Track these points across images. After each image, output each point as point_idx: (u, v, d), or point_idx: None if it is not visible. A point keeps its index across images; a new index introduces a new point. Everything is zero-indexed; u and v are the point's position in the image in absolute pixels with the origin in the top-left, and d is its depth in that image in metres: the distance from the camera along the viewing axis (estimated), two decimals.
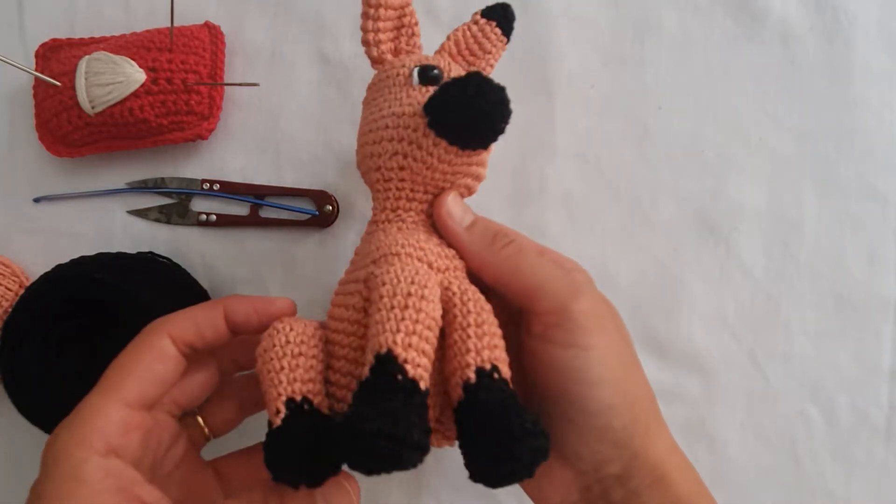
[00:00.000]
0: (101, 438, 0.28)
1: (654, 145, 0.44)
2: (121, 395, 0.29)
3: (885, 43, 0.44)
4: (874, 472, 0.43)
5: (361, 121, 0.33)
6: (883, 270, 0.44)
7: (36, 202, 0.46)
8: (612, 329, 0.30)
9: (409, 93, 0.31)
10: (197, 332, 0.31)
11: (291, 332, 0.29)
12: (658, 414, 0.31)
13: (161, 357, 0.30)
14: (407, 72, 0.32)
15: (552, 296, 0.29)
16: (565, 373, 0.28)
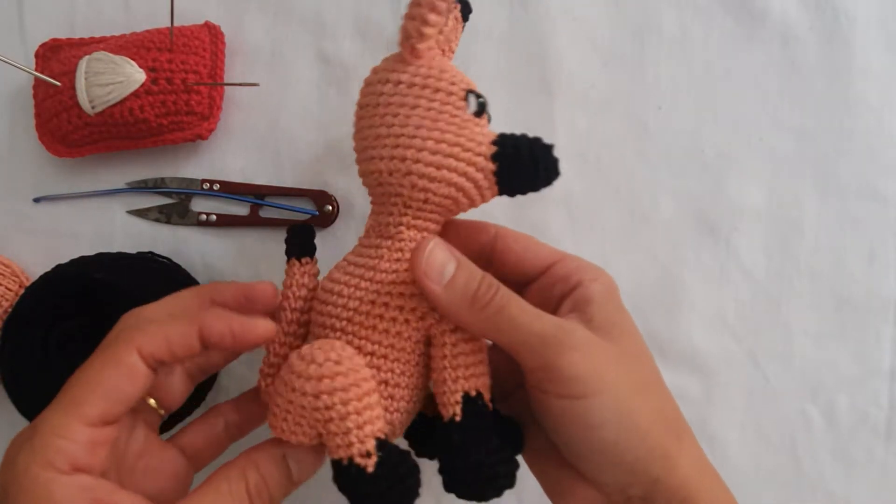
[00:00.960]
0: (65, 459, 0.26)
1: (654, 145, 0.44)
2: (83, 413, 0.27)
3: (885, 43, 0.44)
4: (874, 472, 0.43)
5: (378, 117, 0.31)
6: (883, 270, 0.44)
7: (36, 202, 0.46)
8: (609, 366, 0.29)
9: (470, 125, 0.31)
10: (168, 349, 0.29)
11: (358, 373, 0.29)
12: (682, 434, 0.31)
13: (128, 374, 0.28)
14: (460, 94, 0.31)
15: (536, 355, 0.29)
16: (564, 418, 0.29)
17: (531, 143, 0.30)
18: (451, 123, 0.30)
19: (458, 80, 0.31)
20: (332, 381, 0.28)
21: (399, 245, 0.32)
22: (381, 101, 0.31)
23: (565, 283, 0.32)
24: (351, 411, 0.28)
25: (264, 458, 0.30)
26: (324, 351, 0.28)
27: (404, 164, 0.30)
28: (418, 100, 0.31)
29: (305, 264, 0.34)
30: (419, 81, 0.31)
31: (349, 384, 0.28)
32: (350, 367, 0.28)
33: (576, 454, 0.30)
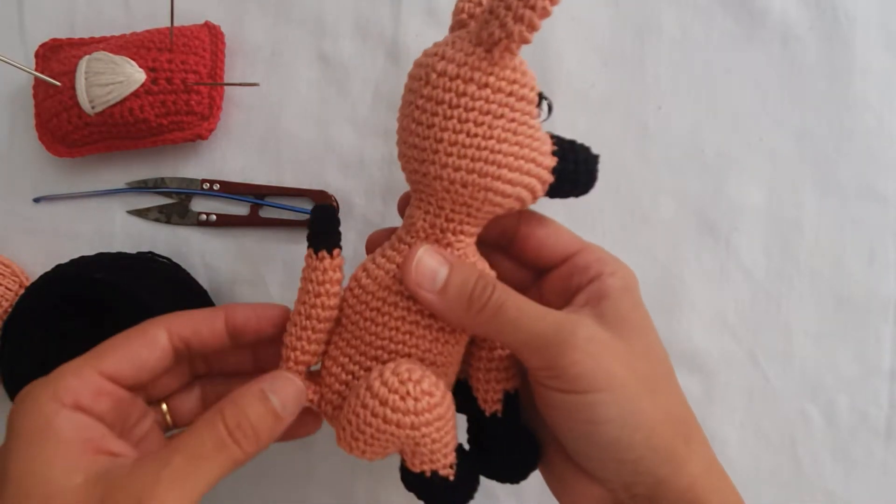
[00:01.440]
0: (71, 396, 0.28)
1: (654, 145, 0.44)
2: (99, 364, 0.29)
3: (885, 43, 0.44)
4: (874, 472, 0.43)
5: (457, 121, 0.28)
6: (883, 270, 0.44)
7: (36, 202, 0.46)
8: (618, 364, 0.29)
9: (538, 134, 0.30)
10: (194, 329, 0.31)
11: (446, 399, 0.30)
12: (692, 436, 0.30)
13: (150, 344, 0.30)
14: (535, 99, 0.30)
15: (537, 354, 0.29)
16: (567, 413, 0.29)
17: (587, 158, 0.30)
18: (528, 136, 0.29)
19: (533, 84, 0.30)
20: (431, 414, 0.29)
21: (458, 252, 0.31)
22: (462, 103, 0.28)
23: (584, 274, 0.32)
24: (442, 438, 0.30)
25: (241, 393, 0.29)
26: (415, 382, 0.29)
27: (483, 180, 0.29)
28: (503, 108, 0.29)
29: (336, 256, 0.32)
30: (506, 88, 0.29)
31: (443, 415, 0.30)
32: (442, 396, 0.30)
33: (579, 450, 0.30)
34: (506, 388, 0.33)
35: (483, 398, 0.33)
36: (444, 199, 0.30)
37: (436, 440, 0.30)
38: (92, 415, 0.28)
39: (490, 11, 0.27)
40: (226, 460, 0.28)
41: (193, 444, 0.28)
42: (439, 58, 0.29)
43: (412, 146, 0.30)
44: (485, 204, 0.30)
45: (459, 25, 0.32)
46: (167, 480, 0.26)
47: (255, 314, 0.32)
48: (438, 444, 0.30)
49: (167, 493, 0.26)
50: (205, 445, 0.27)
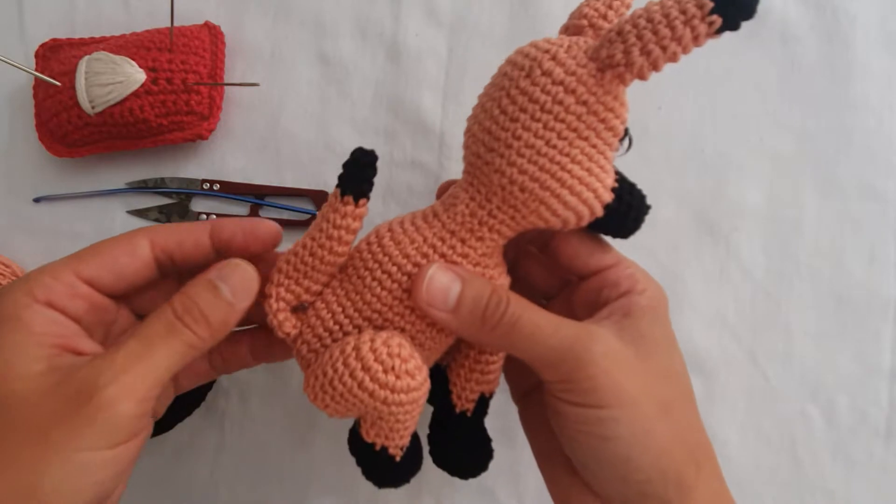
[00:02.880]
0: (45, 293, 0.28)
1: (655, 145, 0.44)
2: (77, 267, 0.29)
3: (885, 43, 0.44)
4: (874, 472, 0.43)
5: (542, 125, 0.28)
6: (883, 270, 0.44)
7: (36, 202, 0.45)
8: (634, 382, 0.28)
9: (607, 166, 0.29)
10: (178, 241, 0.31)
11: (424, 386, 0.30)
12: (703, 462, 0.30)
13: (131, 252, 0.30)
14: (621, 133, 0.29)
15: (554, 369, 0.29)
16: (579, 426, 0.29)
17: (640, 206, 0.30)
18: (600, 166, 0.29)
19: (626, 118, 0.29)
20: (406, 396, 0.29)
21: (485, 250, 0.31)
22: (554, 110, 0.27)
23: (614, 289, 0.31)
24: (407, 420, 0.30)
25: (191, 283, 0.29)
26: (402, 360, 0.29)
27: (542, 193, 0.28)
28: (590, 132, 0.28)
29: (361, 206, 0.30)
30: (601, 113, 0.28)
31: (416, 399, 0.29)
32: (422, 382, 0.29)
33: (587, 465, 0.30)
34: (483, 392, 0.34)
35: (458, 394, 0.34)
36: (496, 194, 0.29)
37: (399, 421, 0.30)
38: (66, 314, 0.29)
39: (618, 33, 0.26)
40: (178, 343, 0.28)
41: (145, 329, 0.28)
42: (550, 57, 0.28)
43: (487, 131, 0.29)
44: (532, 214, 0.29)
45: (575, 30, 0.31)
46: (121, 362, 0.26)
47: (243, 229, 0.31)
48: (399, 425, 0.30)
49: (121, 375, 0.26)
50: (155, 328, 0.28)
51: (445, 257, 0.30)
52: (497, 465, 0.43)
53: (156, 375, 0.27)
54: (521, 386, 0.36)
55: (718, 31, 0.25)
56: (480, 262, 0.31)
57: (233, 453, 0.44)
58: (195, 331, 0.28)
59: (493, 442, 0.35)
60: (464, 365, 0.34)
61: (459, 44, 0.45)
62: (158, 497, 0.44)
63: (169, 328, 0.28)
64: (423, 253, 0.30)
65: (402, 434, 0.31)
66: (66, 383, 0.26)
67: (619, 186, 0.29)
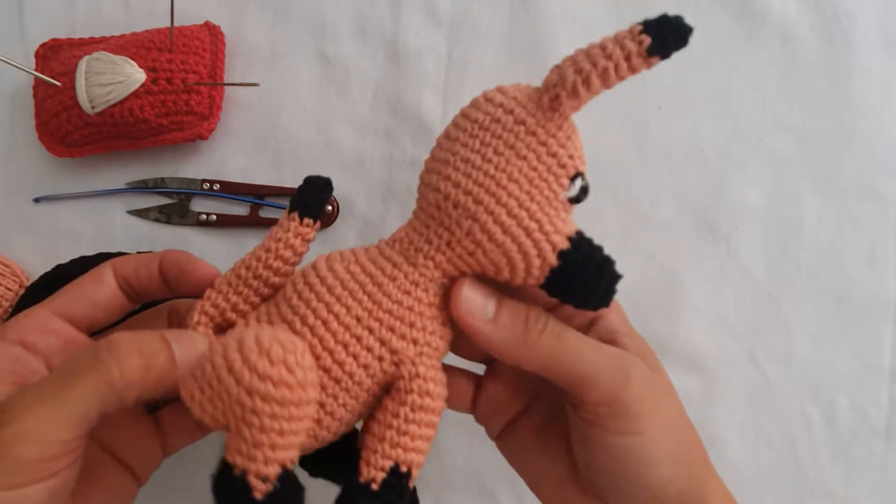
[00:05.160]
0: (15, 331, 0.29)
1: (654, 145, 0.44)
2: (51, 304, 0.30)
3: (885, 43, 0.44)
4: (874, 472, 0.43)
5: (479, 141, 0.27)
6: (883, 270, 0.44)
7: (36, 202, 0.45)
8: (665, 403, 0.29)
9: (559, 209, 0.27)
10: (134, 270, 0.32)
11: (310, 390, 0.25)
12: (707, 463, 0.31)
13: (97, 280, 0.31)
14: (570, 172, 0.27)
15: (601, 387, 0.27)
16: (619, 456, 0.28)
17: (603, 262, 0.27)
18: (545, 196, 0.27)
19: (576, 157, 0.27)
20: (274, 389, 0.24)
21: (416, 278, 0.28)
22: (491, 127, 0.27)
23: (583, 314, 0.31)
24: (273, 428, 0.24)
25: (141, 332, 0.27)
26: (284, 350, 0.24)
27: (474, 207, 0.27)
28: (530, 153, 0.27)
29: (305, 225, 0.30)
30: (541, 136, 0.27)
31: (289, 401, 0.24)
32: (300, 383, 0.24)
33: (618, 491, 0.29)
34: (399, 461, 0.27)
35: (367, 459, 0.27)
36: (433, 216, 0.28)
37: (263, 428, 0.24)
38: (37, 351, 0.29)
39: (559, 64, 0.27)
40: (98, 382, 0.24)
41: (70, 364, 0.25)
42: (498, 90, 0.28)
43: (431, 158, 0.29)
44: (467, 238, 0.27)
45: None
46: (30, 400, 0.24)
47: (179, 265, 0.31)
48: (264, 437, 0.24)
49: (24, 413, 0.24)
50: (79, 362, 0.25)
51: (372, 277, 0.28)
52: (497, 466, 0.43)
53: (68, 416, 0.24)
54: (495, 424, 0.33)
55: (651, 54, 0.26)
56: (410, 290, 0.28)
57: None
58: (123, 371, 0.25)
59: (493, 443, 0.34)
60: (379, 420, 0.28)
61: (459, 44, 0.45)
62: (158, 500, 0.44)
63: (93, 363, 0.25)
64: (349, 271, 0.28)
65: (266, 456, 0.24)
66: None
67: (578, 237, 0.27)
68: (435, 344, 0.28)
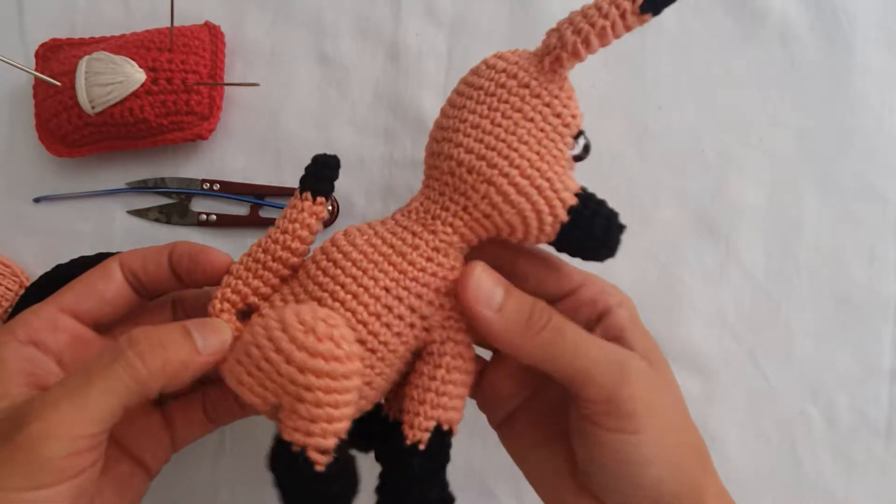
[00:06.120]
0: (25, 330, 0.29)
1: (654, 145, 0.44)
2: (59, 300, 0.30)
3: (885, 43, 0.44)
4: (874, 472, 0.43)
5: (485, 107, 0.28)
6: (883, 270, 0.44)
7: (36, 202, 0.45)
8: (664, 404, 0.29)
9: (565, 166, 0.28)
10: (142, 263, 0.32)
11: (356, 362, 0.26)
12: (707, 464, 0.31)
13: (105, 276, 0.31)
14: (574, 131, 0.29)
15: (598, 384, 0.27)
16: (614, 453, 0.28)
17: (609, 216, 0.28)
18: (553, 156, 0.28)
19: (578, 116, 0.29)
20: (325, 364, 0.25)
21: (437, 244, 0.29)
22: (497, 92, 0.28)
23: (592, 308, 0.31)
24: (329, 402, 0.25)
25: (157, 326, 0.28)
26: (328, 325, 0.25)
27: (489, 171, 0.28)
28: (535, 114, 0.28)
29: (318, 204, 0.31)
30: (545, 97, 0.28)
31: (340, 374, 0.25)
32: (348, 355, 0.25)
33: (612, 488, 0.29)
34: (439, 420, 0.28)
35: (410, 421, 0.29)
36: (447, 183, 0.29)
37: (318, 403, 0.25)
38: (47, 350, 0.29)
39: (554, 28, 0.28)
40: (123, 377, 0.25)
41: (92, 362, 0.26)
42: (498, 56, 0.30)
43: (438, 127, 0.30)
44: (483, 201, 0.28)
45: None
46: (53, 397, 0.25)
47: (190, 254, 0.31)
48: (320, 412, 0.25)
49: (50, 411, 0.24)
50: (101, 360, 0.26)
51: (395, 248, 0.29)
52: (497, 466, 0.43)
53: (92, 412, 0.25)
54: (497, 412, 0.34)
55: (643, 11, 0.27)
56: (432, 256, 0.29)
57: (233, 455, 0.44)
58: (146, 362, 0.25)
59: (493, 442, 0.35)
60: (417, 385, 0.29)
61: (459, 44, 0.45)
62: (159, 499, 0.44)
63: (115, 359, 0.25)
64: (371, 244, 0.29)
65: (324, 428, 0.25)
66: (5, 420, 0.25)
67: (584, 193, 0.28)
68: (458, 307, 0.29)
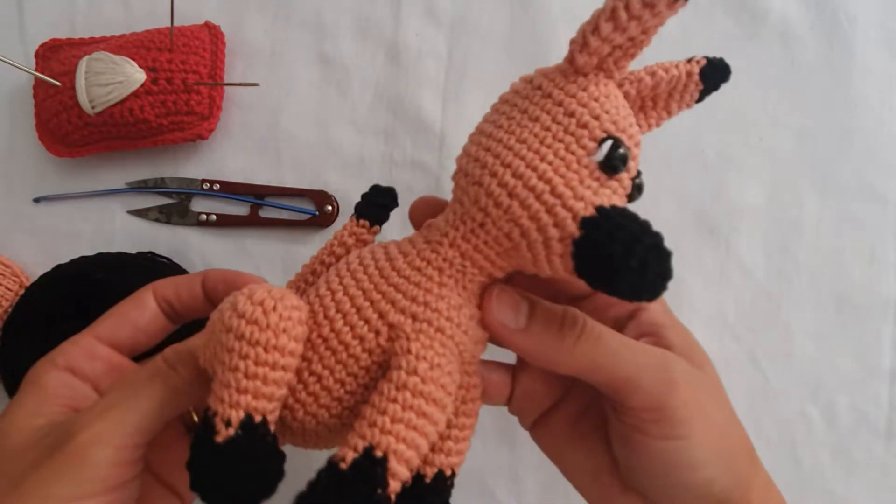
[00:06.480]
0: (65, 359, 0.29)
1: (654, 145, 0.44)
2: (95, 330, 0.31)
3: (885, 43, 0.44)
4: (874, 472, 0.43)
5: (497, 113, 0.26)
6: (883, 270, 0.44)
7: (36, 202, 0.45)
8: (710, 404, 0.28)
9: (583, 173, 0.24)
10: (175, 291, 0.32)
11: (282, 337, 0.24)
12: (753, 457, 0.30)
13: (138, 305, 0.32)
14: (596, 133, 0.24)
15: (645, 392, 0.26)
16: (663, 460, 0.27)
17: (638, 233, 0.22)
18: (559, 157, 0.24)
19: (605, 118, 0.25)
20: (245, 326, 0.23)
21: (429, 255, 0.27)
22: (511, 99, 0.27)
23: (622, 305, 0.30)
24: (240, 368, 0.23)
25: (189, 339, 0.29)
26: (270, 296, 0.24)
27: (480, 172, 0.25)
28: (543, 114, 0.25)
29: (361, 227, 0.32)
30: (558, 97, 0.25)
31: (257, 341, 0.23)
32: (271, 326, 0.24)
33: (660, 491, 0.28)
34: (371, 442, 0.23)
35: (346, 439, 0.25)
36: (458, 199, 0.26)
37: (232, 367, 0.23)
38: (85, 377, 0.29)
39: None
40: (161, 387, 0.27)
41: (130, 377, 0.28)
42: (536, 70, 0.28)
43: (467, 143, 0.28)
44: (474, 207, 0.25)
45: None
46: (98, 409, 0.26)
47: (225, 281, 0.32)
48: (230, 379, 0.23)
49: (95, 422, 0.26)
50: (139, 375, 0.27)
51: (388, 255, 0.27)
52: (497, 466, 0.43)
53: (135, 421, 0.26)
54: (529, 415, 0.32)
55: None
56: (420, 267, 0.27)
57: None
58: (181, 371, 0.27)
59: (493, 442, 0.34)
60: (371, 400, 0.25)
61: (459, 44, 0.45)
62: None
63: (153, 373, 0.27)
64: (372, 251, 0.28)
65: (230, 396, 0.23)
66: (50, 434, 0.26)
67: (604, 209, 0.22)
68: (439, 324, 0.26)
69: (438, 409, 0.24)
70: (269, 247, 0.45)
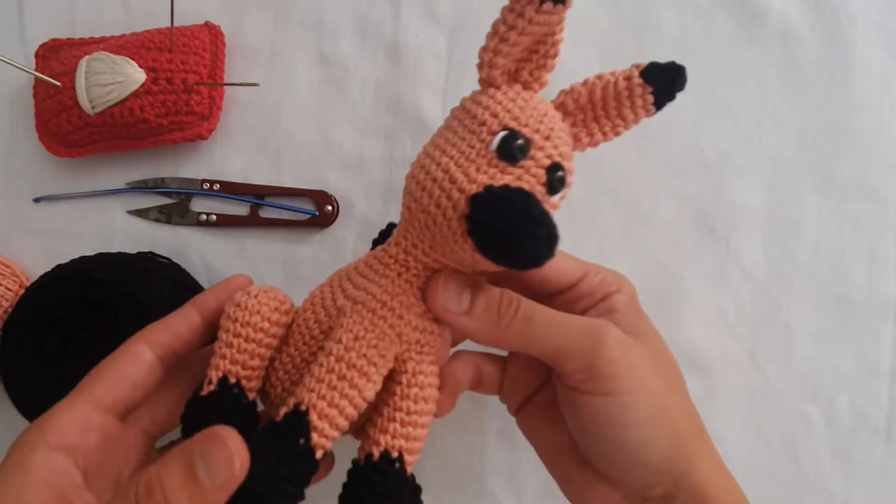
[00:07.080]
0: (57, 432, 0.28)
1: (654, 145, 0.44)
2: (88, 394, 0.29)
3: (885, 43, 0.44)
4: (874, 472, 0.43)
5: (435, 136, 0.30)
6: (883, 270, 0.44)
7: (36, 202, 0.46)
8: (644, 365, 0.30)
9: (480, 161, 0.26)
10: (172, 332, 0.31)
11: (255, 316, 0.30)
12: (702, 433, 0.32)
13: (134, 360, 0.30)
14: (493, 127, 0.27)
15: (574, 357, 0.29)
16: (599, 417, 0.29)
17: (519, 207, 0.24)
18: (460, 151, 0.27)
19: (504, 115, 0.27)
20: (234, 309, 0.30)
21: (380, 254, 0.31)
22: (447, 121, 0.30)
23: (590, 298, 0.33)
24: (224, 340, 0.30)
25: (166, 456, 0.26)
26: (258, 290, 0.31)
27: (408, 179, 0.29)
28: (453, 120, 0.29)
29: None
30: (467, 105, 0.29)
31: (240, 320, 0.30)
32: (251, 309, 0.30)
33: (606, 456, 0.30)
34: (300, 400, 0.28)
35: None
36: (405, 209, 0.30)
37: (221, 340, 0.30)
38: (76, 455, 0.28)
39: None
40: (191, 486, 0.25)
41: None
42: None
43: None
44: (402, 205, 0.29)
45: None
46: None
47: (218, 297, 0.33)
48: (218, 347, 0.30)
49: None
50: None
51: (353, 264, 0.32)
52: (497, 466, 0.43)
53: None
54: (515, 399, 0.35)
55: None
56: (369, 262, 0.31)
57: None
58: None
59: (493, 442, 0.35)
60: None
61: (459, 44, 0.45)
62: None
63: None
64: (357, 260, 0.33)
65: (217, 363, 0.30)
66: None
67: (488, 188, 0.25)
68: (371, 306, 0.30)
69: (360, 376, 0.28)
70: (269, 247, 0.45)
